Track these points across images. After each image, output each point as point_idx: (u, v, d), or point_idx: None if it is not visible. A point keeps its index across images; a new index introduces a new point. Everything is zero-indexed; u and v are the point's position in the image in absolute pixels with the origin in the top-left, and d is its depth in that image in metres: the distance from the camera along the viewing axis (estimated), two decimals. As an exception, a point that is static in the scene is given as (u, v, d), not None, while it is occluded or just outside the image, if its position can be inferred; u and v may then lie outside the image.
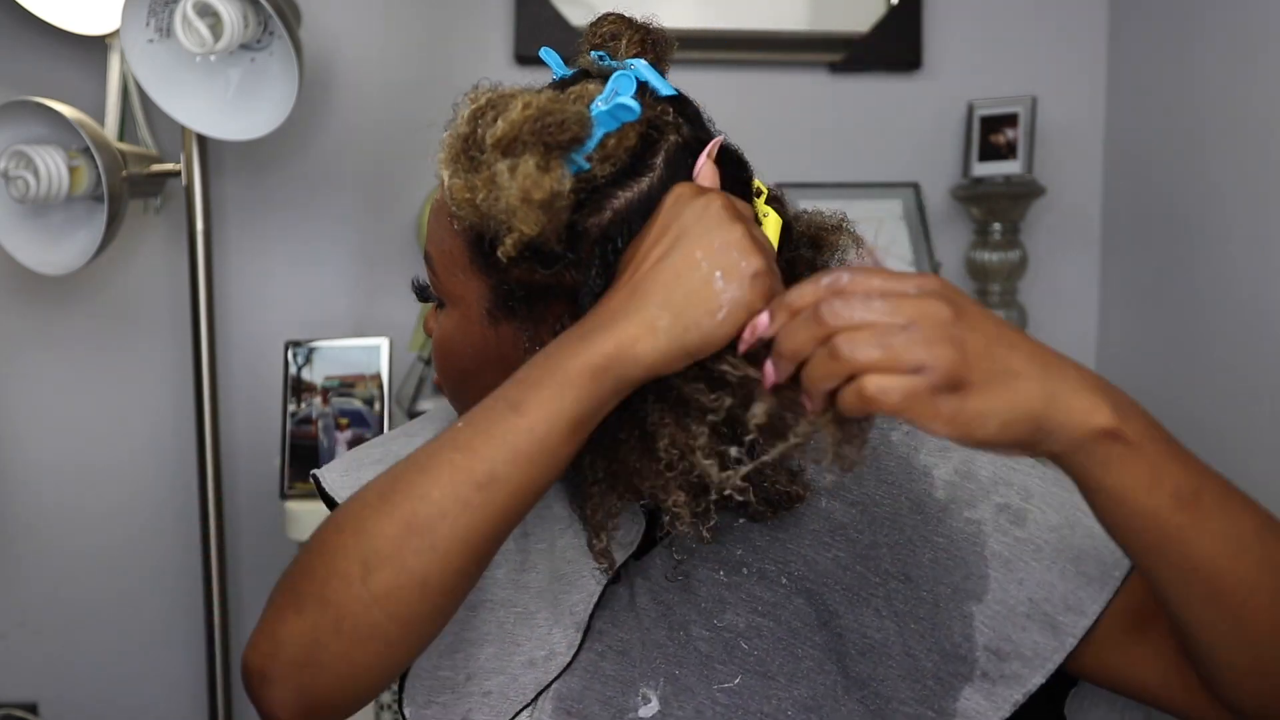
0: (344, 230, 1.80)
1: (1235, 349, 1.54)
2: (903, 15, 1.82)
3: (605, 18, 0.79)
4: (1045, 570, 0.74)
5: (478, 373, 0.77)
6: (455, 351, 0.79)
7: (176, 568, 1.81)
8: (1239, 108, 1.53)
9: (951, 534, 0.76)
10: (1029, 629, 0.73)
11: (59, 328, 1.77)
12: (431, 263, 0.78)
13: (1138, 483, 0.60)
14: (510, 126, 0.67)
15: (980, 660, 0.73)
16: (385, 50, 1.79)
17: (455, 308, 0.78)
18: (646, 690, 0.77)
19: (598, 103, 0.70)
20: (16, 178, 1.49)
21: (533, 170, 0.66)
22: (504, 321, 0.75)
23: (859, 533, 0.78)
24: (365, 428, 1.57)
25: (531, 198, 0.66)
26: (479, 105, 0.70)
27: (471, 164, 0.69)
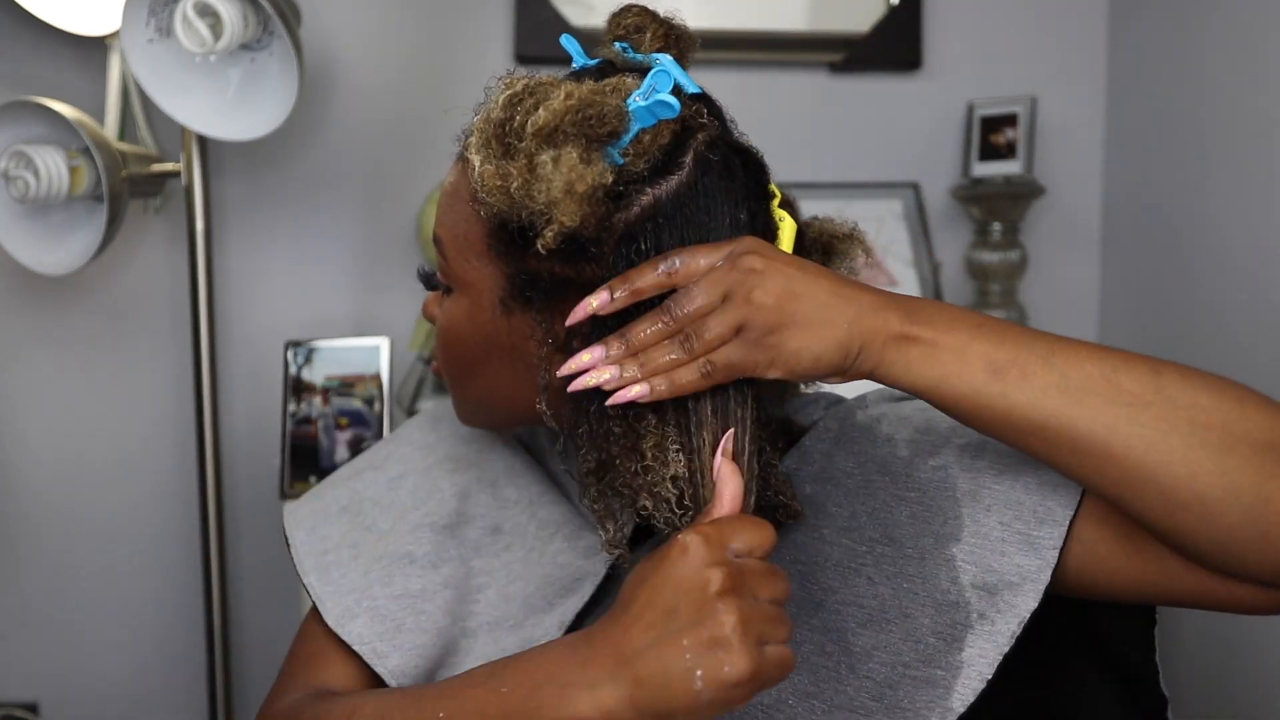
0: (344, 230, 1.80)
1: (1235, 349, 1.54)
2: (903, 15, 1.82)
3: (629, 9, 0.79)
4: (1009, 489, 0.72)
5: (484, 361, 0.77)
6: (462, 338, 0.78)
7: (176, 567, 1.81)
8: (1239, 107, 1.53)
9: (922, 485, 0.74)
10: (1008, 553, 0.70)
11: (59, 328, 1.77)
12: (442, 246, 0.78)
13: (946, 371, 0.65)
14: (552, 115, 0.67)
15: (972, 602, 0.71)
16: (385, 50, 1.79)
17: (464, 294, 0.77)
18: None
19: (636, 98, 0.70)
20: (16, 178, 1.49)
21: (576, 162, 0.66)
22: (517, 311, 0.75)
23: (837, 506, 0.77)
24: (365, 427, 1.57)
25: (575, 190, 0.66)
26: (516, 91, 0.69)
27: (506, 150, 0.69)
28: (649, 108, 0.69)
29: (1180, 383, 0.63)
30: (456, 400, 0.83)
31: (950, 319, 0.66)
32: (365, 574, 0.82)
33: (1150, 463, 0.61)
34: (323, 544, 0.85)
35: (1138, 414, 0.62)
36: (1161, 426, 0.61)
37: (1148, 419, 0.62)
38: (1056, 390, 0.63)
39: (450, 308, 0.78)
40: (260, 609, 1.83)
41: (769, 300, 0.66)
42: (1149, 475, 0.61)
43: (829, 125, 1.85)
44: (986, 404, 0.64)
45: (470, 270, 0.76)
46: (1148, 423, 0.61)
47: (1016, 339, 0.65)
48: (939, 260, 1.83)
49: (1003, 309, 1.78)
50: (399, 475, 0.88)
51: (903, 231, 1.83)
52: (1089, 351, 0.64)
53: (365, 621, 0.79)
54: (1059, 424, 0.62)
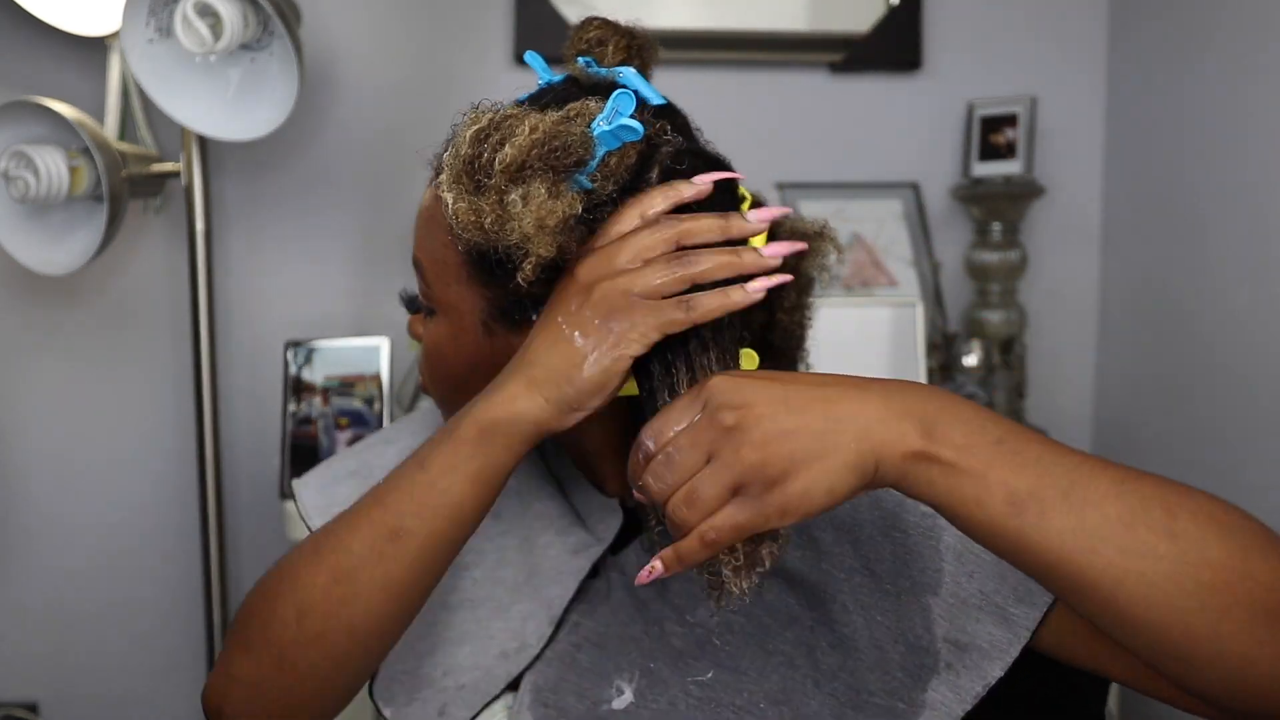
0: (344, 230, 1.80)
1: (1235, 349, 1.54)
2: (903, 15, 1.82)
3: (590, 23, 0.79)
4: (996, 562, 0.73)
5: (469, 379, 0.78)
6: (446, 359, 0.80)
7: (176, 568, 1.81)
8: (1239, 107, 1.53)
9: (908, 528, 0.75)
10: (982, 621, 0.73)
11: (59, 328, 1.77)
12: (422, 270, 0.79)
13: (965, 496, 0.61)
14: (519, 152, 0.67)
15: (942, 652, 0.73)
16: (385, 50, 1.79)
17: (446, 316, 0.78)
18: (621, 682, 0.78)
19: (599, 122, 0.70)
20: (16, 178, 1.49)
21: (544, 197, 0.67)
22: (500, 333, 0.76)
23: (821, 532, 0.78)
24: (365, 427, 1.57)
25: (546, 224, 0.67)
26: (481, 126, 0.69)
27: (477, 187, 0.69)
28: (613, 132, 0.70)
29: (1194, 530, 0.61)
30: (445, 415, 0.84)
31: (968, 434, 0.62)
32: None
33: (1150, 618, 0.60)
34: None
35: (1148, 568, 0.60)
36: (1168, 586, 0.60)
37: (1157, 575, 0.60)
38: (1071, 534, 0.60)
39: (433, 330, 0.80)
40: (260, 609, 1.82)
41: (758, 455, 0.61)
42: (1145, 627, 0.61)
43: (829, 125, 1.85)
44: (1002, 534, 0.61)
45: (451, 293, 0.77)
46: (1156, 580, 0.60)
47: (1036, 464, 0.61)
48: (939, 260, 1.83)
49: (1002, 309, 1.78)
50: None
51: (903, 231, 1.83)
52: (1108, 487, 0.61)
53: None
54: (1070, 569, 0.61)
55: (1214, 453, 1.59)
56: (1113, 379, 1.87)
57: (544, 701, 0.79)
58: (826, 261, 0.82)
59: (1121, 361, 1.84)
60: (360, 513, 0.72)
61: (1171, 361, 1.69)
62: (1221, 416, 1.57)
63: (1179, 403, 1.67)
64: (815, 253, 0.81)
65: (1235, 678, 0.60)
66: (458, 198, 0.69)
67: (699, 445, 0.62)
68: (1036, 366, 1.86)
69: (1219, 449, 1.58)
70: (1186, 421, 1.65)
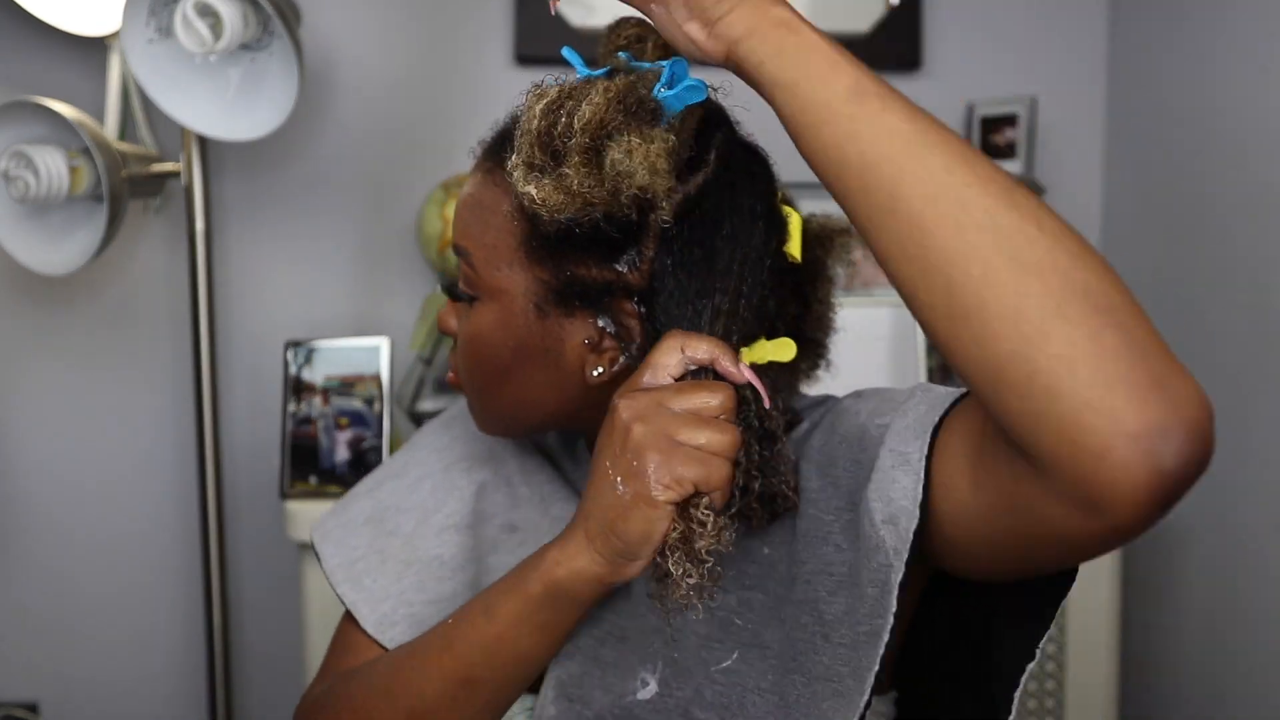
0: (344, 230, 1.80)
1: (1235, 349, 1.54)
2: (903, 15, 1.82)
3: (627, 21, 0.80)
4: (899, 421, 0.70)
5: (516, 366, 0.78)
6: (491, 345, 0.79)
7: (176, 568, 1.81)
8: (1239, 107, 1.53)
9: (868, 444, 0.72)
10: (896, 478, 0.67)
11: (59, 328, 1.77)
12: (469, 257, 0.78)
13: (810, 72, 0.61)
14: (597, 109, 0.67)
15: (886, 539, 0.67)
16: (385, 50, 1.79)
17: (493, 301, 0.78)
18: (645, 674, 0.78)
19: (659, 89, 0.70)
20: (16, 178, 1.49)
21: (640, 143, 0.67)
22: (552, 315, 0.76)
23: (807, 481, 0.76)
24: (365, 427, 1.57)
25: (659, 167, 0.67)
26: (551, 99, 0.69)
27: (554, 157, 0.68)
28: (677, 95, 0.70)
29: (1030, 203, 0.56)
30: (480, 409, 0.83)
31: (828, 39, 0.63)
32: (398, 579, 0.85)
33: (950, 248, 0.56)
34: (351, 554, 0.88)
35: (967, 196, 0.56)
36: (980, 218, 0.56)
37: (974, 204, 0.56)
38: (903, 139, 0.58)
39: (478, 317, 0.79)
40: (260, 609, 1.83)
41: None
42: (944, 262, 0.56)
43: (829, 125, 1.85)
44: (834, 120, 0.60)
45: (500, 278, 0.77)
46: (970, 208, 0.56)
47: (889, 88, 0.61)
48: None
49: (1003, 309, 1.78)
50: (418, 479, 0.91)
51: (903, 231, 1.83)
52: (957, 141, 0.58)
53: (405, 629, 0.83)
54: (888, 172, 0.58)
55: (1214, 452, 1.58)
56: (1113, 379, 1.87)
57: (568, 696, 0.79)
58: (852, 257, 0.84)
59: (1121, 361, 1.84)
60: (431, 659, 0.74)
61: (1171, 361, 1.69)
62: (1221, 417, 1.56)
63: (1179, 403, 1.67)
64: (842, 248, 0.83)
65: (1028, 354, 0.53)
66: (535, 180, 0.69)
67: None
68: (1036, 366, 1.85)
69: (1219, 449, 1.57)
70: (1186, 421, 1.65)
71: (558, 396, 0.78)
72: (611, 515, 0.67)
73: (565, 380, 0.77)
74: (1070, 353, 0.52)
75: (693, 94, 0.71)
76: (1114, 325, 0.53)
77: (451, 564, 0.85)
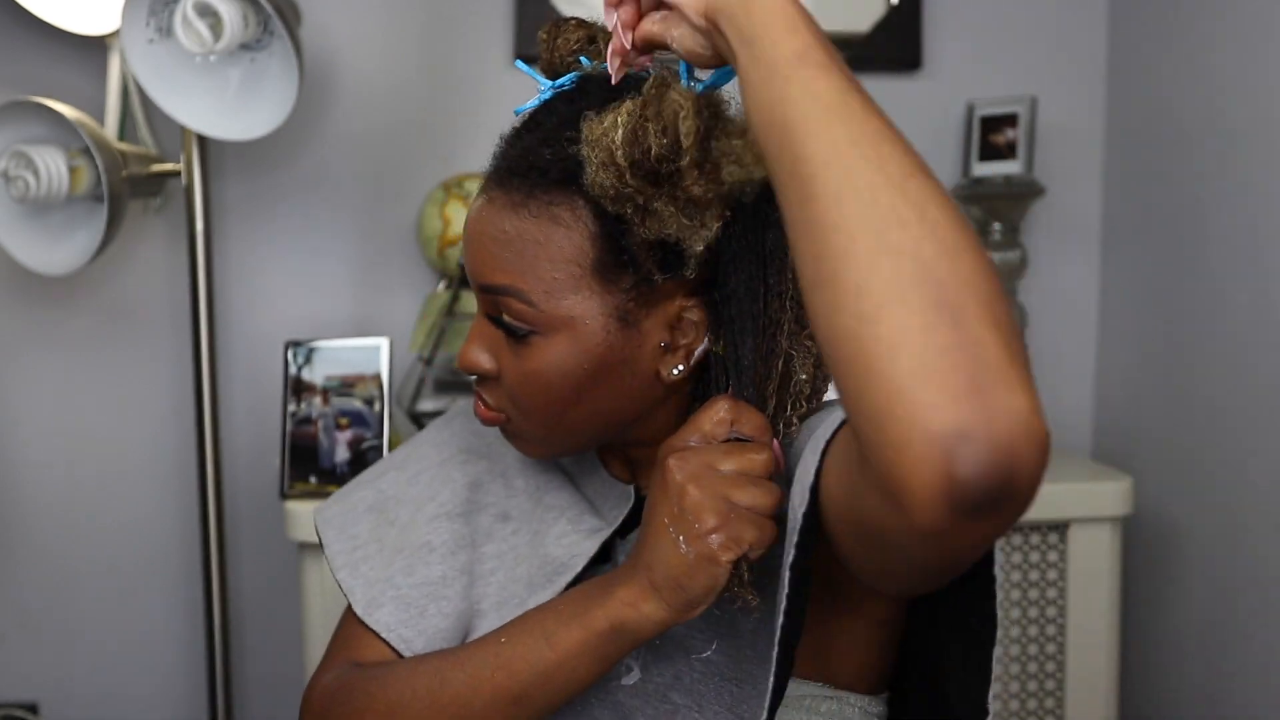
0: (344, 230, 1.80)
1: (1235, 349, 1.54)
2: (903, 15, 1.82)
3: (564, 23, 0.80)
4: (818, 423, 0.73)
5: (590, 386, 0.77)
6: (564, 373, 0.77)
7: (176, 568, 1.81)
8: (1239, 107, 1.53)
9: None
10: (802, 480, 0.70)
11: (59, 328, 1.77)
12: (521, 295, 0.76)
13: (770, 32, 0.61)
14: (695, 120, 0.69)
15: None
16: (385, 50, 1.79)
17: (561, 331, 0.76)
18: (629, 660, 0.80)
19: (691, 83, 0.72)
20: (16, 178, 1.49)
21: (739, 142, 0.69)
22: (638, 319, 0.77)
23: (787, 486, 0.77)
24: (365, 427, 1.57)
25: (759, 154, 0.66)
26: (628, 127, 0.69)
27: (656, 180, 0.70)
28: (715, 80, 0.72)
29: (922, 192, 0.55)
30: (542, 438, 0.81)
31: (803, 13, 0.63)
32: (389, 565, 0.85)
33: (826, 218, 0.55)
34: (352, 542, 0.89)
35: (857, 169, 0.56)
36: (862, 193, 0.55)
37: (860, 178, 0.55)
38: (824, 105, 0.58)
39: (543, 351, 0.76)
40: (260, 608, 1.82)
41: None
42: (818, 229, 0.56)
43: (829, 125, 1.85)
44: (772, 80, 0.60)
45: (569, 305, 0.75)
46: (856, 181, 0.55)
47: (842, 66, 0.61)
48: (939, 260, 1.83)
49: (1003, 309, 1.78)
50: (416, 472, 0.92)
51: (903, 231, 1.82)
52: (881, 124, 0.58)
53: (391, 609, 0.83)
54: (798, 135, 0.58)
55: (1214, 452, 1.58)
56: (1113, 379, 1.87)
57: None
58: None
59: (1121, 361, 1.84)
60: (484, 676, 0.76)
61: (1171, 362, 1.69)
62: (1222, 416, 1.57)
63: (1179, 403, 1.67)
64: None
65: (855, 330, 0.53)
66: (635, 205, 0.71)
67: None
68: (1036, 366, 1.86)
69: (1219, 449, 1.58)
70: (1186, 421, 1.65)
71: (631, 404, 0.79)
72: (677, 573, 0.70)
73: (639, 386, 0.79)
74: (898, 339, 0.51)
75: (726, 76, 0.71)
76: (953, 323, 0.51)
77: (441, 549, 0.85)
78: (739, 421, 0.73)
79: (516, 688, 0.75)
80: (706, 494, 0.70)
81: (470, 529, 0.87)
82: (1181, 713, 1.67)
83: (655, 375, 0.78)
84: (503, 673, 0.75)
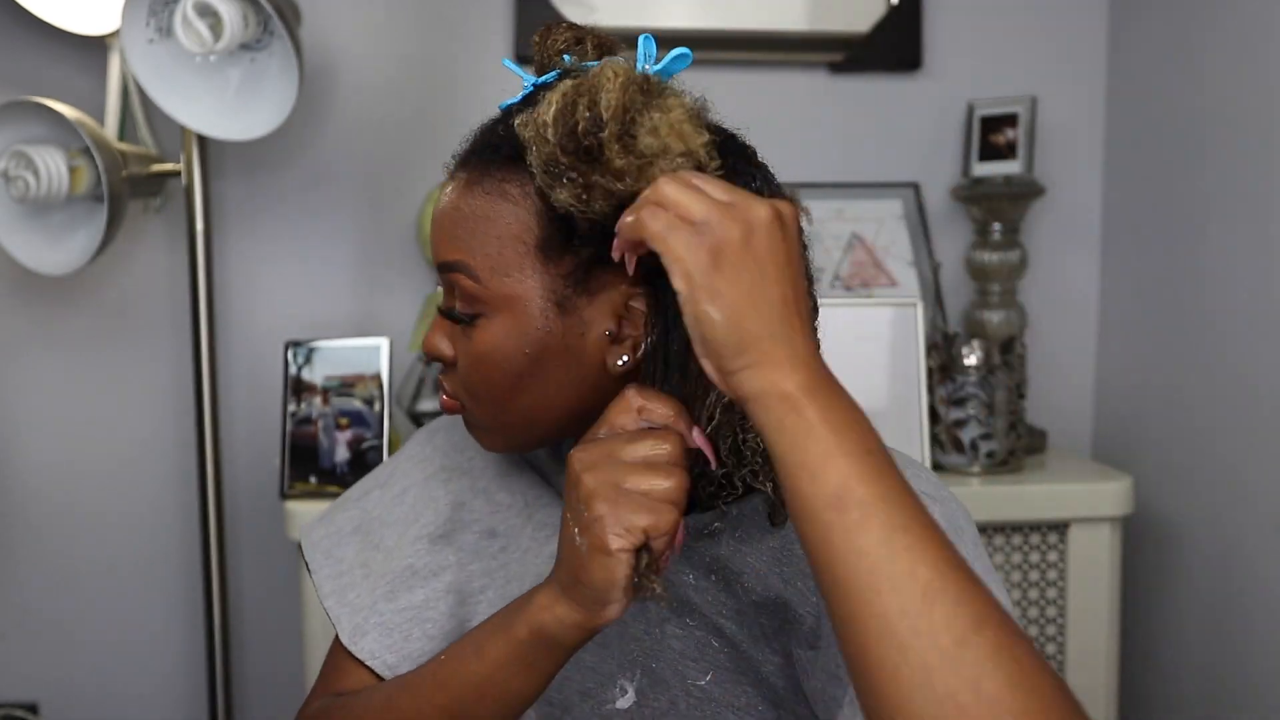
0: (344, 230, 1.80)
1: (1235, 349, 1.54)
2: (903, 15, 1.82)
3: (557, 25, 0.80)
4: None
5: (533, 372, 0.76)
6: (505, 357, 0.76)
7: (176, 568, 1.81)
8: (1239, 107, 1.53)
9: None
10: None
11: (59, 328, 1.77)
12: (469, 270, 0.76)
13: (804, 461, 0.60)
14: (619, 92, 0.68)
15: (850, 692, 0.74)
16: (385, 50, 1.79)
17: (503, 312, 0.76)
18: (624, 681, 0.79)
19: (645, 67, 0.71)
20: (16, 178, 1.49)
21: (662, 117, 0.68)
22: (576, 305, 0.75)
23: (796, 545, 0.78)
24: (365, 428, 1.57)
25: (685, 130, 0.68)
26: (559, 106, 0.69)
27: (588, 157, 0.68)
28: (666, 67, 0.71)
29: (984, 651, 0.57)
30: (491, 427, 0.81)
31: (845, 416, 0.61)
32: (373, 591, 0.85)
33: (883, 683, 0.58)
34: (338, 566, 0.88)
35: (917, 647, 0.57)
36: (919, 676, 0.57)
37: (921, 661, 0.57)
38: (869, 567, 0.58)
39: (487, 332, 0.76)
40: (260, 609, 1.83)
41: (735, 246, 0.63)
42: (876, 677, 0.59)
43: (829, 125, 1.85)
44: (811, 519, 0.60)
45: (512, 284, 0.75)
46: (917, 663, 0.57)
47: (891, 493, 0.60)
48: (939, 260, 1.83)
49: (1002, 309, 1.78)
50: (401, 491, 0.91)
51: (903, 231, 1.82)
52: (939, 559, 0.59)
53: (375, 636, 0.83)
54: (847, 595, 0.59)
55: (1214, 453, 1.59)
56: (1113, 379, 1.87)
57: (549, 700, 0.80)
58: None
59: (1121, 361, 1.84)
60: (424, 694, 0.76)
61: (1171, 361, 1.69)
62: (1222, 416, 1.57)
63: (1179, 403, 1.67)
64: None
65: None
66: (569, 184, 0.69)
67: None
68: (1036, 366, 1.86)
69: (1219, 449, 1.58)
70: (1186, 421, 1.65)
71: (578, 394, 0.77)
72: (574, 566, 0.68)
73: (585, 376, 0.76)
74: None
75: (680, 62, 0.71)
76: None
77: (423, 572, 0.84)
78: (646, 410, 0.71)
79: (454, 705, 0.74)
80: (598, 482, 0.68)
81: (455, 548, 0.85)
82: (1181, 712, 1.67)
83: (604, 366, 0.76)
84: (441, 691, 0.75)
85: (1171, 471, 1.68)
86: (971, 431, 1.60)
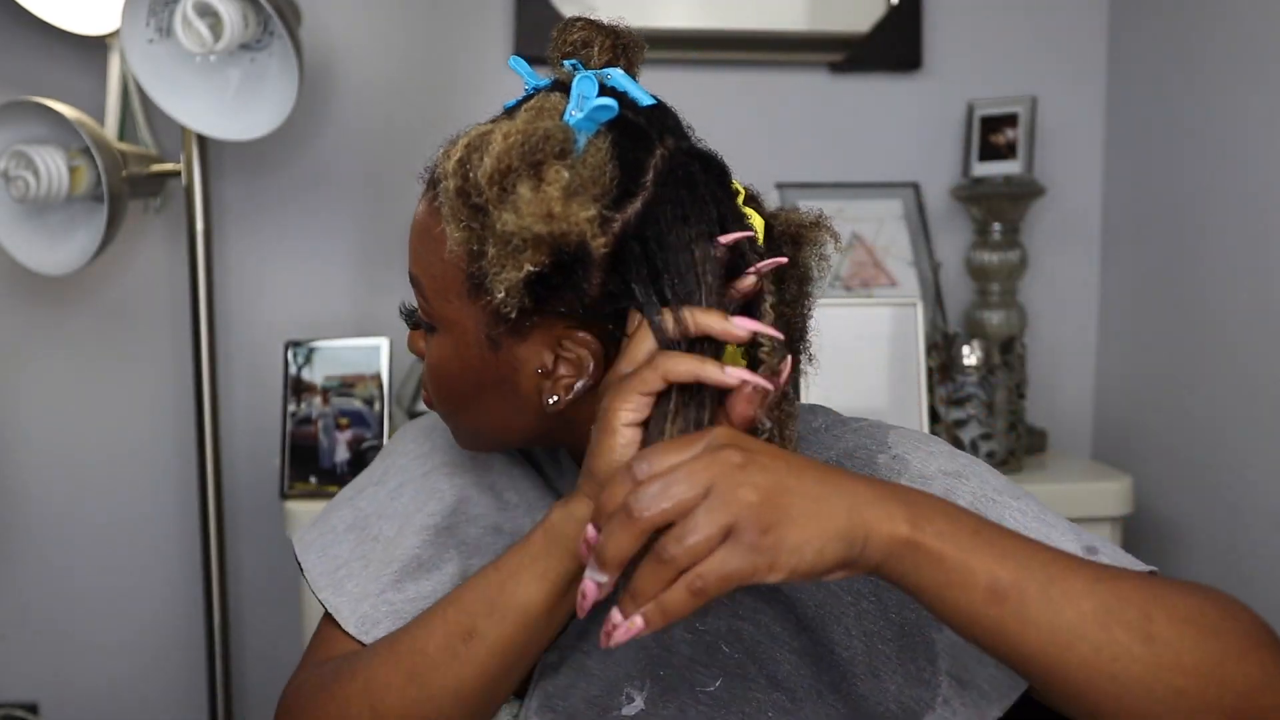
0: (344, 230, 1.80)
1: (1235, 349, 1.54)
2: (903, 15, 1.82)
3: (573, 23, 0.78)
4: None
5: (475, 395, 0.77)
6: (452, 375, 0.78)
7: (176, 568, 1.81)
8: (1239, 107, 1.53)
9: None
10: (985, 663, 0.73)
11: (59, 328, 1.77)
12: (421, 287, 0.77)
13: (948, 582, 0.61)
14: (496, 160, 0.67)
15: (943, 686, 0.74)
16: (385, 50, 1.79)
17: (448, 332, 0.76)
18: (631, 690, 0.78)
19: (571, 112, 0.69)
20: (16, 178, 1.49)
21: (529, 194, 0.66)
22: (506, 344, 0.74)
23: None
24: (365, 427, 1.57)
25: (554, 210, 0.66)
26: (460, 156, 0.69)
27: (474, 213, 0.69)
28: (587, 117, 0.69)
29: (1170, 633, 0.62)
30: (452, 429, 0.83)
31: (948, 522, 0.63)
32: (378, 579, 0.84)
33: (1119, 715, 0.62)
34: (333, 563, 0.86)
35: (1120, 669, 0.61)
36: (1138, 689, 0.61)
37: (1129, 677, 0.61)
38: (1049, 628, 0.61)
39: (436, 347, 0.78)
40: (260, 609, 1.82)
41: (756, 496, 0.59)
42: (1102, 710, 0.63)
43: (829, 125, 1.85)
44: (981, 623, 0.62)
45: (451, 309, 0.75)
46: (1127, 682, 0.61)
47: (1015, 556, 0.62)
48: (939, 260, 1.83)
49: (1002, 309, 1.78)
50: (398, 485, 0.89)
51: (903, 231, 1.82)
52: (1085, 584, 0.62)
53: (388, 626, 0.81)
54: (1044, 662, 0.62)
55: (1214, 453, 1.59)
56: (1113, 379, 1.87)
57: (552, 707, 0.79)
58: (825, 251, 0.80)
59: (1121, 362, 1.84)
60: (437, 612, 0.75)
61: (1171, 361, 1.69)
62: (1222, 416, 1.57)
63: (1179, 402, 1.67)
64: (813, 243, 0.79)
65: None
66: (456, 229, 0.69)
67: (697, 477, 0.59)
68: (1036, 366, 1.86)
69: (1219, 449, 1.58)
70: (1186, 421, 1.65)
71: (521, 422, 0.78)
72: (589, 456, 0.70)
73: (525, 407, 0.76)
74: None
75: (603, 113, 0.69)
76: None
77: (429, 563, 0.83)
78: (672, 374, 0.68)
79: (465, 619, 0.73)
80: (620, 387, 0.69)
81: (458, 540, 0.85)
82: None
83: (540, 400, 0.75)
84: (453, 608, 0.74)
85: (1171, 471, 1.68)
86: (971, 431, 1.60)
